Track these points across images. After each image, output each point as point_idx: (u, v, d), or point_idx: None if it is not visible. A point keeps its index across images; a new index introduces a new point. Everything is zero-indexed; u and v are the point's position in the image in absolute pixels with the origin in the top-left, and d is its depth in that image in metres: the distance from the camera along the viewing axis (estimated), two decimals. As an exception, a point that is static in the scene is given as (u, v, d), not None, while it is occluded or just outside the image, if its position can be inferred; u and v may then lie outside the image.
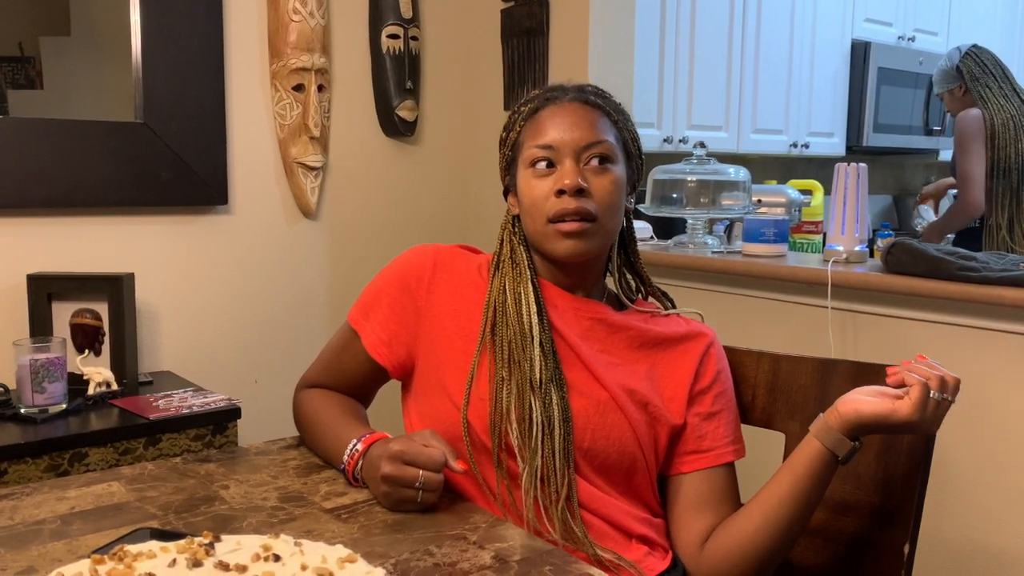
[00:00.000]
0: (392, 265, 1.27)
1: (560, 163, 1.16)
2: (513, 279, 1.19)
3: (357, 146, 2.48)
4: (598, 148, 1.16)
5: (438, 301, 1.21)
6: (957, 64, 3.12)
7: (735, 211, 2.29)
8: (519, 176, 1.20)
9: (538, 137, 1.17)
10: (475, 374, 1.14)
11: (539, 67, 2.39)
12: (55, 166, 1.98)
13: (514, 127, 1.22)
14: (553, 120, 1.17)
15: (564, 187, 1.13)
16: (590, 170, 1.15)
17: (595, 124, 1.18)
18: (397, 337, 1.22)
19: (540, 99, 1.21)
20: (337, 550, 0.82)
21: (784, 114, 3.67)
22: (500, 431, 1.11)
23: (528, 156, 1.18)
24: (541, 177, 1.16)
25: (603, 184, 1.15)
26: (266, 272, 2.35)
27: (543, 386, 1.12)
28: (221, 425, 1.84)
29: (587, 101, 1.19)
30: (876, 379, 1.09)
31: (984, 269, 1.70)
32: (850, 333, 1.93)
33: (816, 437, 1.06)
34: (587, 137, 1.16)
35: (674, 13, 3.15)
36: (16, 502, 1.04)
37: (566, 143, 1.15)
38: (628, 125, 1.22)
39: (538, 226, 1.17)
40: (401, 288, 1.23)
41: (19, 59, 2.05)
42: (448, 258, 1.24)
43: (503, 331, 1.16)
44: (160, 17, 2.09)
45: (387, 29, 2.43)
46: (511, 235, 1.23)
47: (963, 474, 1.76)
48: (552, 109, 1.19)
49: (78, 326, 1.94)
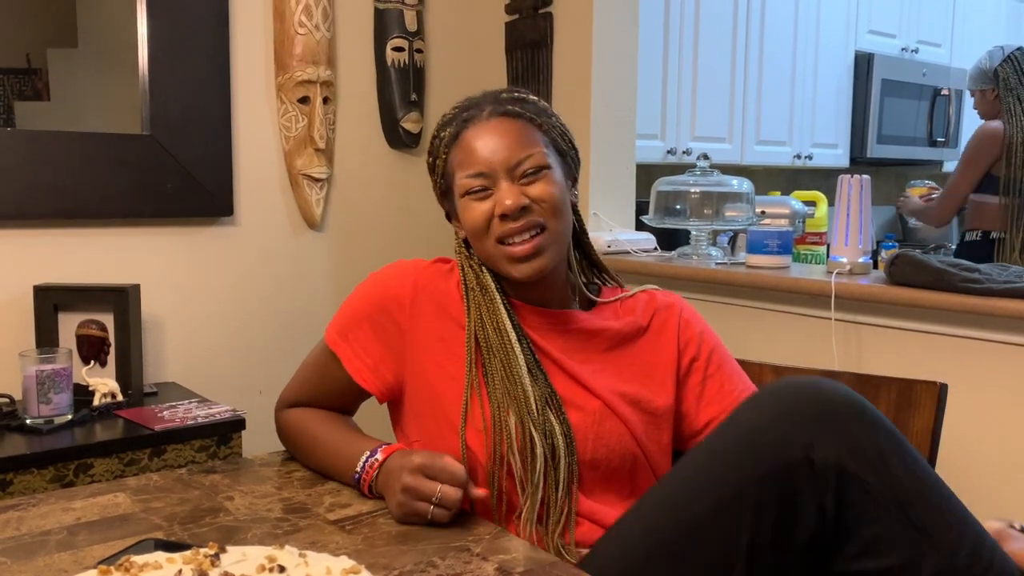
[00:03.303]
0: (369, 285, 1.24)
1: (495, 186, 1.13)
2: (486, 307, 1.17)
3: (362, 158, 2.49)
4: (529, 162, 1.13)
5: (423, 325, 1.19)
6: (996, 67, 3.07)
7: (739, 223, 2.29)
8: (457, 204, 1.18)
9: (467, 166, 1.14)
10: (469, 402, 1.13)
11: (543, 79, 2.40)
12: (62, 178, 1.99)
13: (439, 154, 1.19)
14: (477, 143, 1.14)
15: (505, 210, 1.11)
16: (526, 182, 1.13)
17: (520, 137, 1.14)
18: (383, 361, 1.20)
19: (459, 121, 1.17)
20: (341, 561, 0.82)
21: (788, 126, 3.67)
22: (502, 461, 1.10)
23: (461, 187, 1.15)
24: (479, 200, 1.14)
25: (543, 190, 1.13)
26: (271, 283, 2.36)
27: (540, 413, 1.11)
28: (226, 436, 1.84)
29: (506, 113, 1.16)
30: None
31: (987, 281, 1.70)
32: (854, 345, 1.93)
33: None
34: (515, 154, 1.13)
35: (677, 25, 3.16)
36: (22, 513, 1.05)
37: (495, 165, 1.12)
38: (553, 123, 1.19)
39: (488, 250, 1.15)
40: (382, 311, 1.20)
41: (26, 71, 2.06)
42: (427, 279, 1.21)
43: (490, 362, 1.14)
44: (167, 30, 2.11)
45: (392, 42, 2.44)
46: (467, 259, 1.21)
47: (967, 485, 1.75)
48: (473, 131, 1.15)
49: (84, 337, 1.95)
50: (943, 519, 0.93)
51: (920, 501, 0.93)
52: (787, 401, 0.99)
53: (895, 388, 1.19)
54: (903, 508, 0.92)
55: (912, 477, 0.95)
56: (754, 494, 0.94)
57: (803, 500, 0.93)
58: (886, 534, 0.92)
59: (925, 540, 0.92)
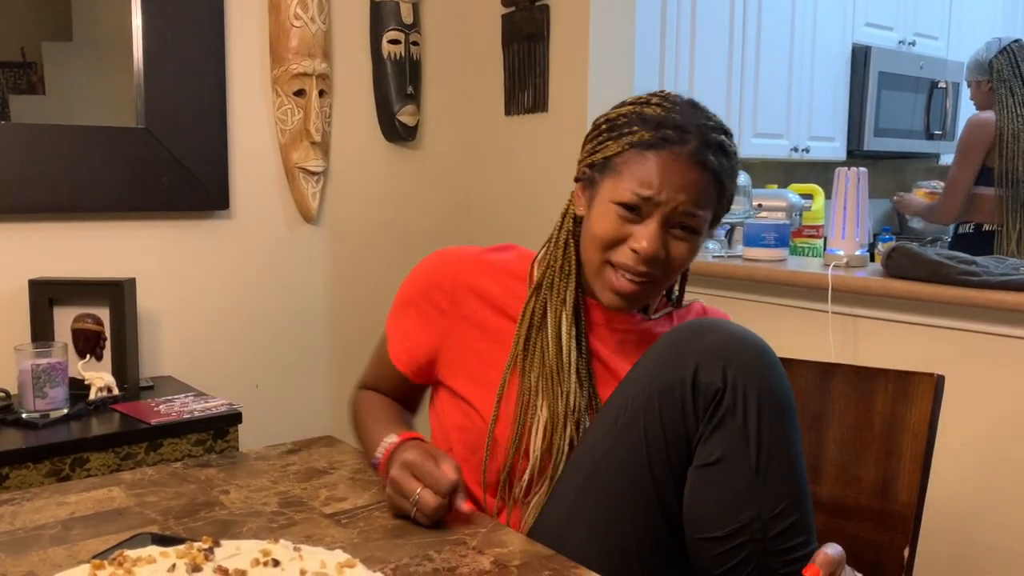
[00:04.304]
0: (413, 273, 1.25)
1: (647, 218, 1.08)
2: (555, 297, 1.15)
3: (358, 151, 2.49)
4: (691, 221, 1.09)
5: (466, 312, 1.19)
6: (991, 59, 3.07)
7: (736, 216, 2.29)
8: (599, 198, 1.12)
9: (638, 185, 1.07)
10: (504, 392, 1.14)
11: (540, 72, 2.39)
12: (57, 171, 1.99)
13: (622, 145, 1.10)
14: (662, 174, 1.06)
15: (640, 251, 1.08)
16: (674, 235, 1.09)
17: (701, 194, 1.08)
18: (420, 345, 1.22)
19: (659, 136, 1.07)
20: (336, 555, 0.82)
21: (785, 118, 3.67)
22: (524, 453, 1.12)
23: (619, 193, 1.08)
24: (622, 219, 1.09)
25: (680, 252, 1.10)
26: (267, 277, 2.36)
27: (577, 413, 1.12)
28: (222, 430, 1.84)
29: (706, 163, 1.07)
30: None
31: (984, 273, 1.70)
32: (850, 337, 1.93)
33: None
34: (685, 207, 1.07)
35: (674, 18, 3.16)
36: (17, 507, 1.04)
37: (662, 204, 1.07)
38: (732, 188, 1.14)
39: (594, 258, 1.12)
40: (424, 296, 1.22)
41: (21, 64, 2.06)
42: (471, 267, 1.20)
43: (537, 355, 1.14)
44: (162, 22, 2.10)
45: (388, 34, 2.43)
46: (569, 236, 1.18)
47: (962, 477, 1.76)
48: (667, 157, 1.07)
49: (80, 331, 1.94)
50: (782, 486, 0.96)
51: (772, 461, 0.96)
52: (689, 332, 1.03)
53: (892, 380, 1.19)
54: (756, 455, 0.95)
55: (777, 435, 0.96)
56: (652, 408, 0.99)
57: (686, 415, 0.98)
58: (731, 468, 0.96)
59: (758, 490, 0.95)
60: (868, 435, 1.20)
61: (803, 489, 0.98)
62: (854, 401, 1.22)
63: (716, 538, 0.96)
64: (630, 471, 1.00)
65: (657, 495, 0.99)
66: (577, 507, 1.03)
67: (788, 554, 0.95)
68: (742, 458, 0.95)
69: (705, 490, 0.97)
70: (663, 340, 1.04)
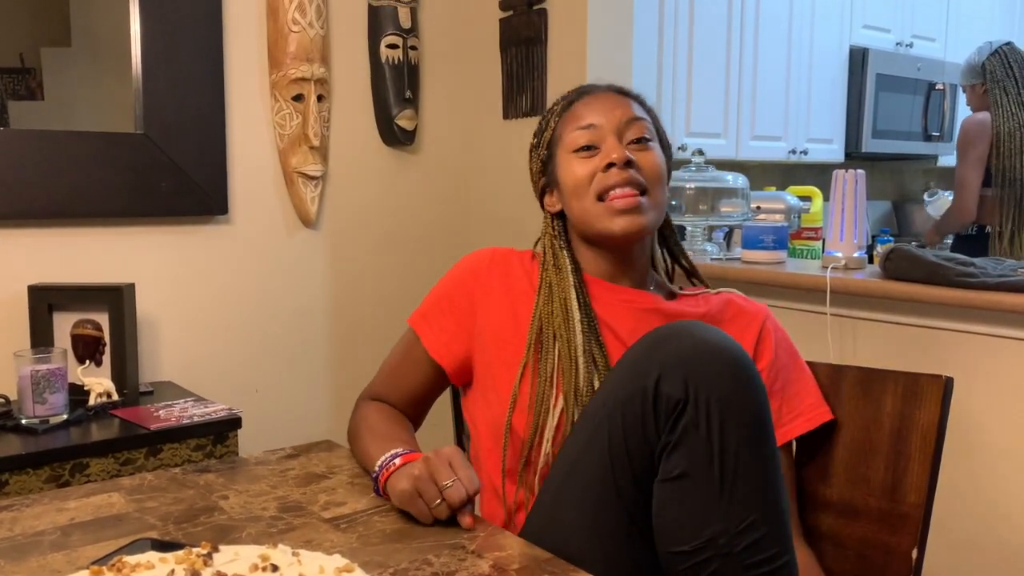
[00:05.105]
0: (452, 269, 1.29)
1: (603, 142, 1.18)
2: (557, 283, 1.19)
3: (357, 155, 2.49)
4: (637, 125, 1.19)
5: (493, 301, 1.23)
6: (983, 61, 3.09)
7: (734, 218, 2.30)
8: (559, 166, 1.22)
9: (578, 121, 1.20)
10: (521, 380, 1.16)
11: (538, 76, 2.39)
12: (56, 177, 1.99)
13: (547, 126, 1.25)
14: (591, 107, 1.21)
15: (613, 160, 1.15)
16: (632, 148, 1.18)
17: (631, 105, 1.22)
18: (456, 338, 1.24)
19: (573, 94, 1.25)
20: (335, 560, 0.82)
21: (783, 121, 3.67)
22: (540, 436, 1.14)
23: (570, 142, 1.20)
24: (584, 159, 1.18)
25: (648, 158, 1.18)
26: (266, 282, 2.36)
27: (587, 395, 1.13)
28: (222, 435, 1.84)
29: (620, 91, 1.24)
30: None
31: (982, 275, 1.71)
32: (849, 339, 1.93)
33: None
34: (627, 114, 1.19)
35: (672, 20, 3.16)
36: (16, 513, 1.04)
37: (607, 122, 1.18)
38: (657, 121, 1.26)
39: (587, 206, 1.18)
40: (459, 287, 1.25)
41: (20, 70, 2.06)
42: (502, 258, 1.27)
43: (549, 341, 1.16)
44: (160, 28, 2.10)
45: (386, 39, 2.44)
46: (552, 238, 1.24)
47: (965, 477, 1.76)
48: (587, 100, 1.22)
49: (79, 337, 1.94)
50: (749, 499, 0.94)
51: (739, 475, 0.94)
52: (659, 337, 1.01)
53: (901, 382, 1.19)
54: (720, 470, 0.93)
55: (743, 449, 0.94)
56: (616, 418, 0.98)
57: (646, 425, 0.96)
58: (695, 483, 0.94)
59: (724, 505, 0.94)
60: (877, 437, 1.20)
61: (774, 502, 0.96)
62: (863, 403, 1.22)
63: (684, 552, 0.95)
64: (595, 485, 1.00)
65: (624, 506, 0.98)
66: (552, 516, 1.04)
67: (758, 568, 0.94)
68: (706, 473, 0.94)
69: (671, 505, 0.96)
70: (638, 343, 1.04)
